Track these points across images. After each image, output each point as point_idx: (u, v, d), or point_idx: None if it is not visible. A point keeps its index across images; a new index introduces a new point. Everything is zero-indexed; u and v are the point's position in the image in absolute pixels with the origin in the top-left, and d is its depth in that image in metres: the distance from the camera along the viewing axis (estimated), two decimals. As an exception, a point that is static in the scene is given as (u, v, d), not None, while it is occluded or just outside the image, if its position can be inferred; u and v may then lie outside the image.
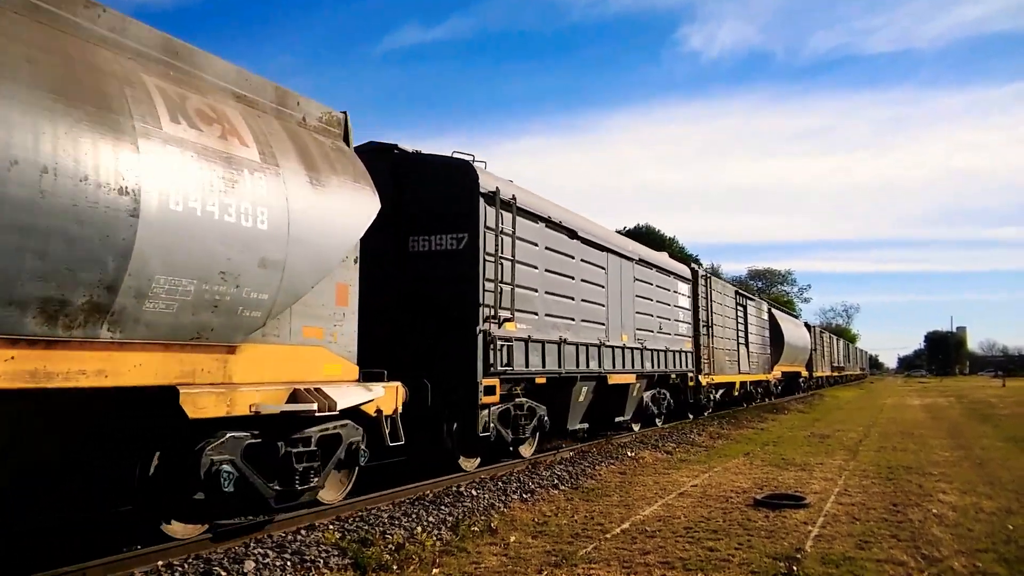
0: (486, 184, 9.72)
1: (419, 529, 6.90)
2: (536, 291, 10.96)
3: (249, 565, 5.59)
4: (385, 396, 7.47)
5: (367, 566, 5.72)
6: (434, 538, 6.61)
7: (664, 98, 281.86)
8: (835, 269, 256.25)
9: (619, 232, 19.04)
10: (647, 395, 16.29)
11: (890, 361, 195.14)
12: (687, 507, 8.12)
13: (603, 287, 13.50)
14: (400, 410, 7.80)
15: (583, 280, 12.63)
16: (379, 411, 7.40)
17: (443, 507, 7.89)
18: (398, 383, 7.80)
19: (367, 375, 7.39)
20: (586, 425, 13.41)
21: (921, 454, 12.92)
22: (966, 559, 6.01)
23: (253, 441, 5.99)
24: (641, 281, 15.63)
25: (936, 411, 26.40)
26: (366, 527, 6.92)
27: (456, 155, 10.03)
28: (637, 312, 15.18)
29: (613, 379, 13.59)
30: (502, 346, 9.76)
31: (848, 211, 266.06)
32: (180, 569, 5.50)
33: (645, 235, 52.59)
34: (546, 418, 11.41)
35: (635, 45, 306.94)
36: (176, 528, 6.17)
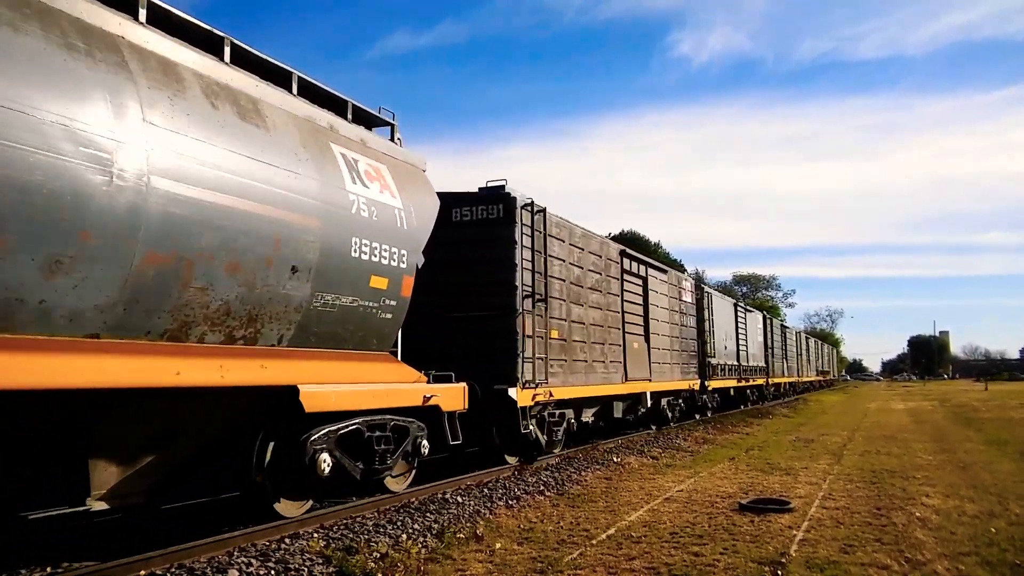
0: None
1: (404, 536, 6.86)
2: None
3: (233, 574, 5.54)
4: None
5: (352, 574, 5.68)
6: (419, 545, 6.58)
7: (653, 104, 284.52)
8: (820, 274, 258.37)
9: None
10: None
11: (874, 365, 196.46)
12: (673, 512, 8.12)
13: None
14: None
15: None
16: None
17: (428, 514, 7.86)
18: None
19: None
20: None
21: (905, 458, 13.00)
22: (949, 562, 6.04)
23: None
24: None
25: (920, 415, 26.58)
26: (351, 535, 6.88)
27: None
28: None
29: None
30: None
31: (834, 217, 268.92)
32: (162, 579, 5.44)
33: (630, 240, 52.73)
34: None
35: (625, 51, 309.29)
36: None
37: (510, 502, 8.73)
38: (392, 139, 8.87)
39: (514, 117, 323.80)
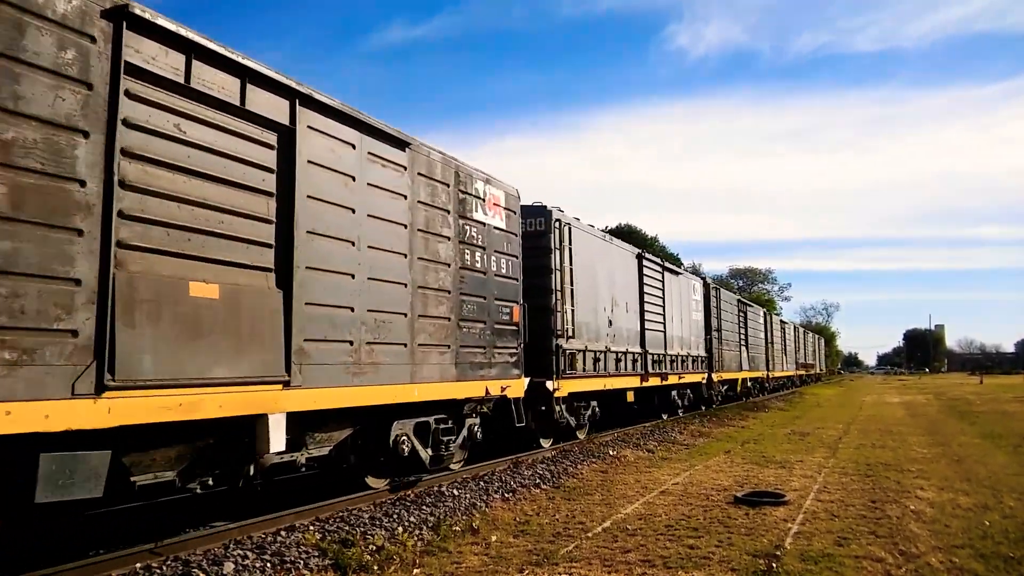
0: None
1: (400, 529, 6.87)
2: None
3: (229, 567, 5.54)
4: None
5: (347, 567, 5.69)
6: (415, 538, 6.59)
7: (649, 97, 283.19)
8: (816, 268, 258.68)
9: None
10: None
11: (870, 358, 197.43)
12: (668, 505, 8.15)
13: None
14: None
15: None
16: None
17: (424, 507, 7.87)
18: None
19: None
20: None
21: (899, 451, 13.04)
22: (943, 555, 6.07)
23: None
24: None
25: (915, 408, 26.67)
26: (347, 528, 6.88)
27: None
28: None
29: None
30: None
31: (830, 211, 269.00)
32: (159, 571, 5.44)
33: (627, 234, 52.66)
34: None
35: (622, 43, 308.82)
36: None
37: (506, 495, 8.74)
38: None
39: (509, 109, 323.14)
